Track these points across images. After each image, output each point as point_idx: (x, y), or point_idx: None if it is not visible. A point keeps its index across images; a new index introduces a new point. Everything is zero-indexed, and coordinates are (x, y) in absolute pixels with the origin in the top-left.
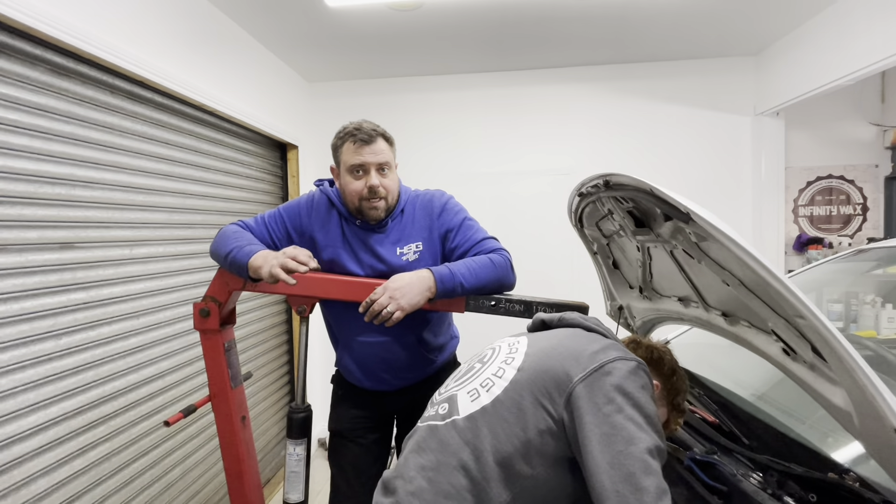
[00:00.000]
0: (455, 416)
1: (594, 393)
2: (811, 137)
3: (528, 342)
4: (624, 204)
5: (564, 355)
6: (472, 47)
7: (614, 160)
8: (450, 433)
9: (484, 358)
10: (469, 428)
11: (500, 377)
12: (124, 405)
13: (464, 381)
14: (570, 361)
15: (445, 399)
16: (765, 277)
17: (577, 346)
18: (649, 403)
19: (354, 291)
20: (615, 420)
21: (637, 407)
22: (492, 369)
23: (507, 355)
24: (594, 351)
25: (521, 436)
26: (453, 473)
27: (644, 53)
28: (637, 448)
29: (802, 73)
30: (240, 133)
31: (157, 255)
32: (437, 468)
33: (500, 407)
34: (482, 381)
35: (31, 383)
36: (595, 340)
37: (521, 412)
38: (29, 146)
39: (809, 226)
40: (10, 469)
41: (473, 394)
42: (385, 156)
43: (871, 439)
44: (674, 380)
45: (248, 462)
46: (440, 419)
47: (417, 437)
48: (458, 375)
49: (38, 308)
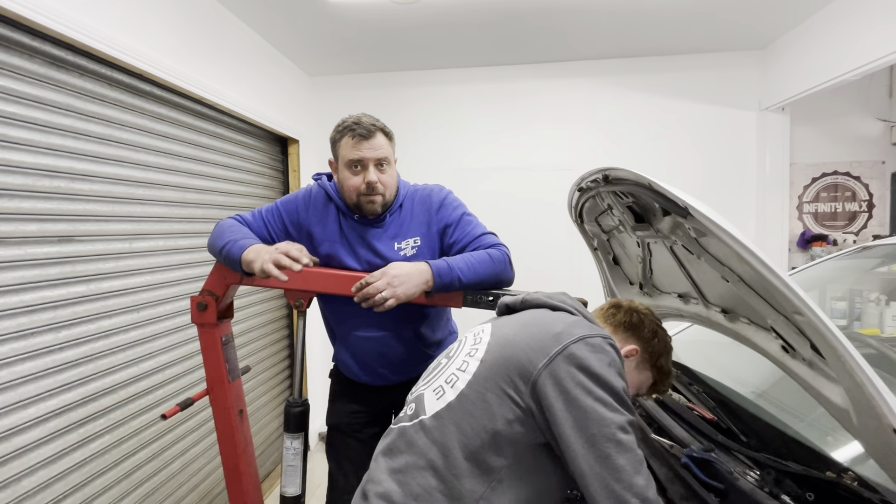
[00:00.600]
0: (422, 415)
1: (559, 378)
2: (817, 133)
3: (492, 330)
4: (623, 199)
5: (526, 341)
6: (473, 41)
7: (617, 155)
8: (417, 434)
9: (450, 352)
10: (436, 426)
11: (463, 371)
12: (124, 398)
13: (430, 379)
14: (532, 347)
15: (414, 399)
16: (763, 273)
17: (540, 330)
18: (617, 379)
19: (351, 286)
20: (584, 403)
21: (604, 386)
22: (456, 363)
23: (471, 347)
24: (557, 333)
25: (489, 427)
26: (422, 474)
27: (648, 47)
28: (608, 430)
29: (809, 68)
30: (240, 127)
31: (157, 249)
32: (405, 470)
33: (464, 401)
34: (447, 377)
35: (30, 375)
36: (558, 320)
37: (487, 404)
38: (28, 139)
39: (814, 223)
40: (11, 460)
41: (439, 391)
42: (384, 151)
43: (869, 438)
44: (654, 342)
45: (246, 456)
46: (408, 420)
47: (389, 440)
48: (427, 372)
49: (37, 301)
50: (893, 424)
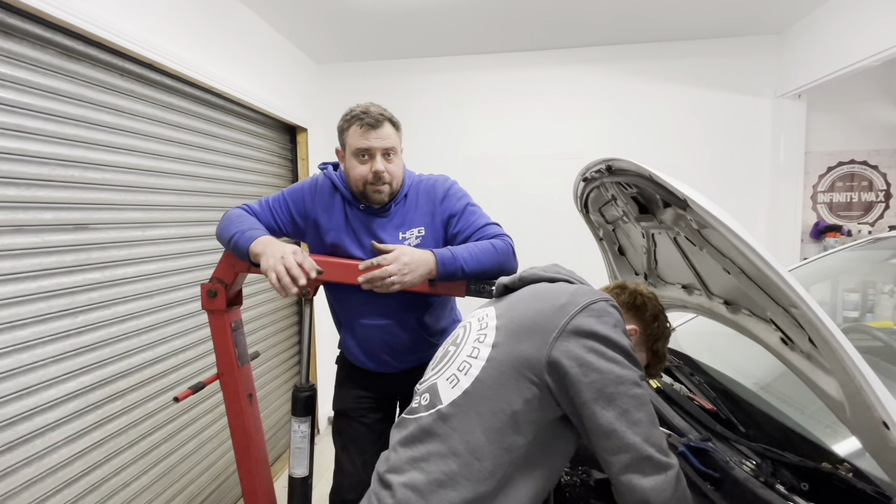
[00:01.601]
0: (439, 405)
1: (571, 349)
2: (833, 121)
3: (497, 313)
4: (628, 190)
5: (534, 319)
6: (481, 26)
7: (626, 144)
8: (436, 423)
9: (457, 339)
10: (454, 414)
11: (475, 357)
12: (140, 381)
13: (441, 368)
14: (540, 324)
15: (427, 389)
16: (758, 265)
17: (545, 305)
18: (623, 338)
19: (356, 275)
20: (599, 366)
21: (614, 346)
22: (466, 350)
23: (478, 332)
24: (562, 304)
25: (508, 409)
26: (444, 461)
27: (659, 33)
28: (625, 387)
29: (826, 53)
30: (249, 116)
31: (169, 237)
32: (427, 458)
33: (481, 387)
34: (459, 364)
35: (50, 358)
36: (561, 292)
37: (504, 387)
38: (43, 129)
39: (828, 213)
40: (34, 438)
41: (452, 379)
42: (391, 141)
43: (861, 430)
44: (655, 326)
45: (255, 438)
46: (424, 410)
47: (407, 431)
48: (435, 362)
49: (55, 287)
50: (883, 418)
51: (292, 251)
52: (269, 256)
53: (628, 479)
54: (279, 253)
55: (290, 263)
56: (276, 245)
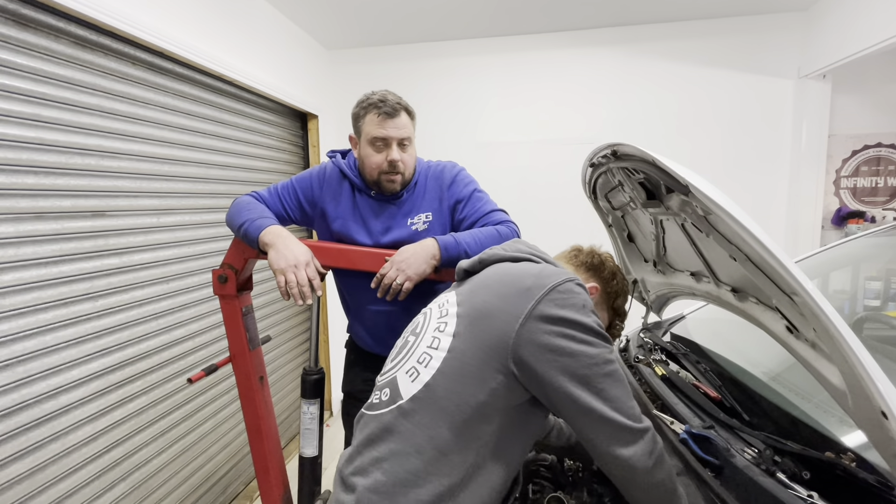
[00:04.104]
0: (399, 401)
1: (538, 336)
2: (860, 102)
3: (458, 299)
4: (635, 175)
5: (497, 305)
6: (491, 8)
7: (640, 127)
8: (397, 420)
9: (416, 329)
10: (416, 410)
11: (436, 348)
12: (158, 363)
13: (401, 361)
14: (504, 310)
15: (387, 383)
16: (758, 251)
17: (508, 289)
18: (591, 317)
19: (364, 261)
20: (570, 349)
21: (583, 328)
22: (426, 341)
23: (438, 321)
24: (527, 287)
25: (472, 401)
26: (408, 460)
27: (677, 12)
28: (598, 367)
29: (855, 31)
30: (260, 103)
31: (183, 224)
32: (390, 458)
33: (443, 380)
34: (419, 356)
35: (72, 340)
36: (525, 273)
37: (467, 378)
38: (59, 118)
39: (851, 198)
40: (59, 416)
41: (412, 373)
42: (407, 130)
43: (862, 420)
44: (614, 283)
45: (267, 419)
46: (385, 406)
47: (368, 430)
48: (394, 353)
49: (75, 272)
50: (882, 407)
51: (305, 262)
52: (282, 258)
53: (611, 451)
54: (293, 260)
55: (302, 279)
56: (289, 244)
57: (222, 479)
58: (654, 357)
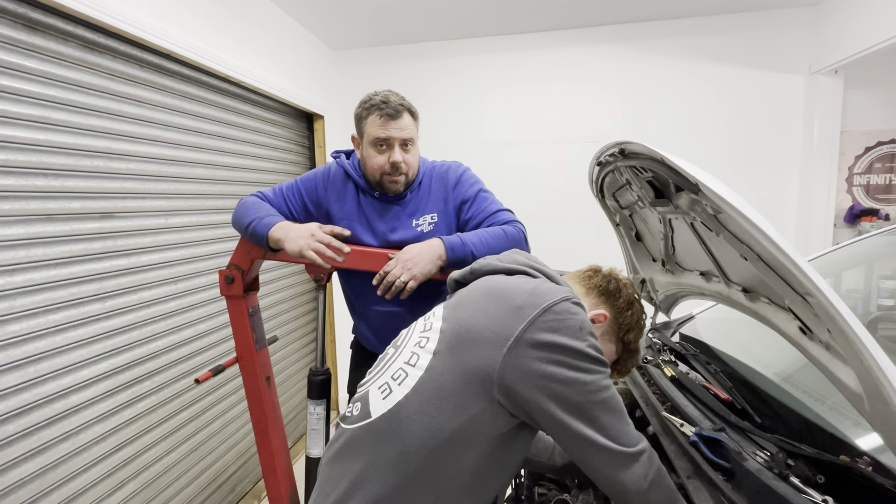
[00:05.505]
0: (367, 418)
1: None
2: (873, 98)
3: (443, 314)
4: (643, 174)
5: (484, 324)
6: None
7: (648, 126)
8: (367, 437)
9: (397, 342)
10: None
11: (413, 365)
12: (166, 363)
13: (377, 374)
14: (492, 330)
15: (359, 397)
16: (771, 251)
17: (497, 306)
18: (587, 339)
19: (369, 261)
20: (563, 376)
21: (578, 354)
22: (404, 356)
23: (420, 335)
24: (518, 307)
25: (447, 426)
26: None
27: (686, 8)
28: (593, 395)
29: (869, 25)
30: (266, 104)
31: (191, 225)
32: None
33: (415, 401)
34: (393, 372)
35: (81, 341)
36: (518, 290)
37: (443, 401)
38: (68, 120)
39: (865, 196)
40: (70, 415)
41: (384, 389)
42: (410, 132)
43: (880, 423)
44: (628, 314)
45: (273, 419)
46: (355, 421)
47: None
48: (375, 365)
49: (84, 273)
50: None
51: (317, 228)
52: (298, 238)
53: (604, 474)
54: (306, 233)
55: (326, 240)
56: (295, 227)
57: (230, 478)
58: (662, 358)
